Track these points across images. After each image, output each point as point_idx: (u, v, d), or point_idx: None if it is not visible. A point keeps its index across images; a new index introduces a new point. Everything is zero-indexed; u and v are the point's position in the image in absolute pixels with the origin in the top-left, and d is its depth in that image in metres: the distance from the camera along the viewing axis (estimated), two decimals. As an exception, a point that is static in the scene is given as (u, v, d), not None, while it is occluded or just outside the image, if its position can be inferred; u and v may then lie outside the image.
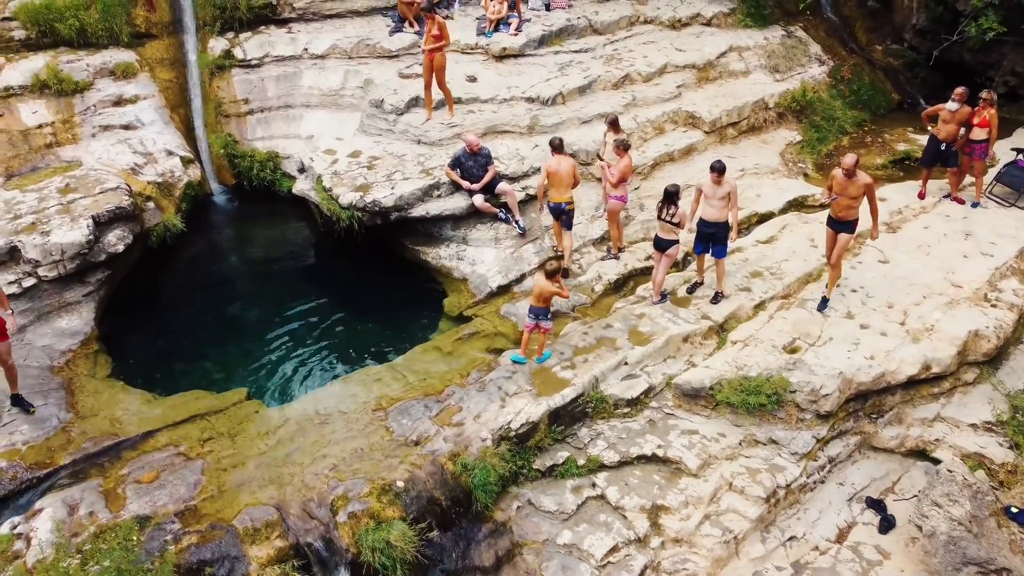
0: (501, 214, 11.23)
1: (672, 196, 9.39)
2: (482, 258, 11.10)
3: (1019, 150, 12.33)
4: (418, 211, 11.06)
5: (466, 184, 11.06)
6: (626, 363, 9.11)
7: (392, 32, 14.78)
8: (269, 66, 13.96)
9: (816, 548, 7.93)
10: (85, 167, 11.56)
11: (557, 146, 10.25)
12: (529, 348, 9.17)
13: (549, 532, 7.90)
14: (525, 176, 11.56)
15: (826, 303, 9.64)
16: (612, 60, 14.48)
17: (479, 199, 11.05)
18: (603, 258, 11.06)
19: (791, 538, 8.00)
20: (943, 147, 11.64)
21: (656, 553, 7.76)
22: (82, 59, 12.70)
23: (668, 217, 9.43)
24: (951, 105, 11.37)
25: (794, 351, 9.04)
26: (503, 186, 11.18)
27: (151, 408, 8.87)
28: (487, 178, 11.05)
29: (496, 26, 14.82)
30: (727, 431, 8.61)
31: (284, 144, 13.51)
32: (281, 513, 7.39)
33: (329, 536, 7.29)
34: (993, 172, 12.25)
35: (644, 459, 8.40)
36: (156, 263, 11.67)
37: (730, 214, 9.46)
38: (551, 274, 8.74)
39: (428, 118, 12.40)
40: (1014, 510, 7.76)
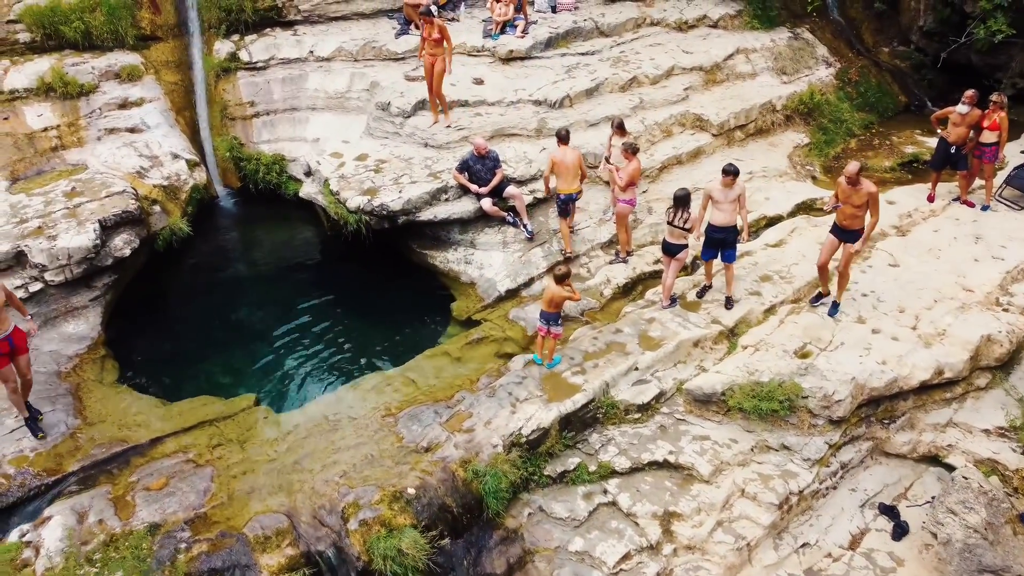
0: (509, 218, 11.18)
1: (684, 201, 9.34)
2: (490, 262, 11.05)
3: (1029, 153, 12.34)
4: (426, 215, 11.01)
5: (474, 187, 11.01)
6: (636, 368, 9.06)
7: (398, 34, 14.75)
8: (275, 68, 13.93)
9: (829, 555, 7.88)
10: (91, 170, 11.51)
11: (563, 137, 10.26)
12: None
13: (561, 539, 7.84)
14: (533, 179, 11.50)
15: (836, 308, 9.59)
16: (619, 62, 14.43)
17: (487, 203, 11.00)
18: (611, 262, 11.01)
19: (804, 545, 7.95)
20: (953, 150, 11.59)
21: (668, 560, 7.70)
22: (87, 62, 12.66)
23: (681, 222, 9.37)
24: (961, 108, 11.32)
25: (805, 356, 8.99)
26: (511, 190, 11.12)
27: (159, 414, 8.82)
28: (495, 181, 11.00)
29: (502, 28, 14.77)
30: (739, 437, 8.56)
31: (290, 147, 13.46)
32: (292, 521, 7.33)
33: (340, 544, 7.23)
34: (1003, 175, 12.20)
35: (655, 465, 8.35)
36: (162, 267, 11.60)
37: (740, 217, 9.41)
38: (561, 279, 8.69)
39: (435, 121, 12.35)
40: (1030, 517, 7.70)
